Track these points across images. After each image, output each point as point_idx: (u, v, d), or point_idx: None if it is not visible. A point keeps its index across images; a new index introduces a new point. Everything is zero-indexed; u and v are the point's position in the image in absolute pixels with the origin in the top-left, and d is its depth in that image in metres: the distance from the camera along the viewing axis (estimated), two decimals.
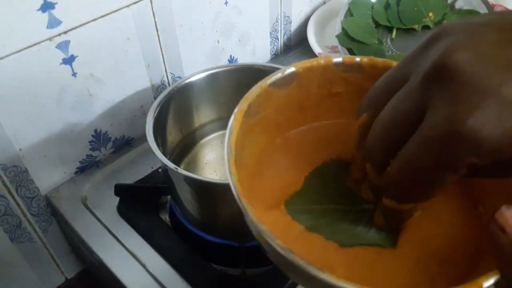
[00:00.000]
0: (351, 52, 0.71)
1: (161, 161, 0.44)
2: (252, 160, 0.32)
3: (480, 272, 0.23)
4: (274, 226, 0.27)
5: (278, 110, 0.34)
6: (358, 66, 0.33)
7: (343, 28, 0.74)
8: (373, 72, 0.33)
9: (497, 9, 0.74)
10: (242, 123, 0.30)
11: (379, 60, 0.33)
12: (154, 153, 0.44)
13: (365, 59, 0.33)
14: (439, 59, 0.21)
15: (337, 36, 0.73)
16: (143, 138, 0.46)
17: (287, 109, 0.34)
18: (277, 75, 0.32)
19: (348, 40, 0.72)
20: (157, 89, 0.63)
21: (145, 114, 0.49)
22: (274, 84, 0.32)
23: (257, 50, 0.77)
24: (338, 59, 0.33)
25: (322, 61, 0.33)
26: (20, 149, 0.52)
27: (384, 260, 0.28)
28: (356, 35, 0.72)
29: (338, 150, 0.33)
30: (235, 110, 0.31)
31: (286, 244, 0.23)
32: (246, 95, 0.31)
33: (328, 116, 0.35)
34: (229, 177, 0.27)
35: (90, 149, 0.60)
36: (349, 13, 0.76)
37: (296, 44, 0.84)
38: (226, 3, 0.66)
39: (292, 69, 0.33)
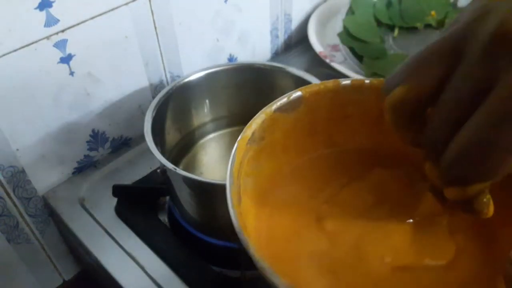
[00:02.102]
0: (352, 50, 0.70)
1: (159, 161, 0.43)
2: (258, 187, 0.31)
3: None
4: (278, 259, 0.26)
5: (286, 135, 0.32)
6: (369, 88, 0.32)
7: (344, 27, 0.73)
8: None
9: None
10: (246, 150, 0.29)
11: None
12: (152, 153, 0.44)
13: (375, 81, 0.32)
14: (499, 27, 0.19)
15: (338, 35, 0.73)
16: (141, 138, 0.46)
17: (295, 134, 0.33)
18: (283, 100, 0.31)
19: (350, 39, 0.71)
20: (155, 88, 0.63)
21: (143, 114, 0.48)
22: (280, 109, 0.31)
23: (257, 49, 0.77)
24: (347, 82, 0.32)
25: (330, 84, 0.32)
26: (17, 149, 0.52)
27: None
28: (357, 34, 0.71)
29: (348, 177, 0.32)
30: (239, 138, 0.30)
31: (292, 281, 0.22)
32: (250, 122, 0.30)
33: (340, 139, 0.34)
34: (230, 209, 0.26)
35: (88, 149, 0.59)
36: (351, 11, 0.76)
37: (297, 42, 0.84)
38: (225, 0, 0.65)
39: (298, 93, 0.32)
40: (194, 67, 0.64)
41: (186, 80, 0.53)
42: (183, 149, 0.57)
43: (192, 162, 0.56)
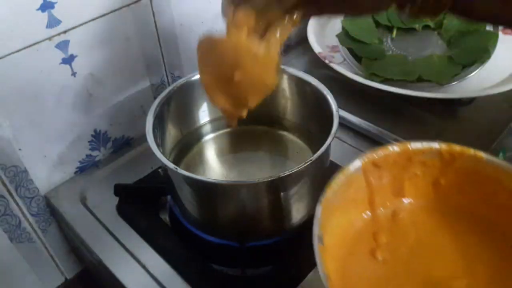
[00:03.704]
0: (351, 51, 0.71)
1: (161, 161, 0.44)
2: (333, 242, 0.35)
3: None
4: None
5: (358, 192, 0.38)
6: (438, 152, 0.37)
7: (343, 28, 0.74)
8: (451, 159, 0.38)
9: None
10: (326, 208, 0.34)
11: (457, 147, 0.37)
12: (154, 153, 0.44)
13: (444, 146, 0.37)
14: None
15: (337, 36, 0.73)
16: (143, 138, 0.46)
17: (364, 192, 0.38)
18: (356, 163, 0.37)
19: (349, 40, 0.72)
20: (156, 89, 0.63)
21: (145, 114, 0.49)
22: (354, 170, 0.37)
23: None
24: (417, 145, 0.38)
25: (397, 148, 0.38)
26: (20, 149, 0.52)
27: None
28: (356, 35, 0.72)
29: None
30: (321, 199, 0.35)
31: None
32: (330, 183, 0.36)
33: (402, 195, 0.40)
34: (320, 273, 0.30)
35: (90, 149, 0.60)
36: None
37: (296, 43, 0.84)
38: None
39: (372, 155, 0.38)
40: (195, 67, 0.64)
41: (187, 80, 0.54)
42: (184, 148, 0.57)
43: (193, 162, 0.56)
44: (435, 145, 0.38)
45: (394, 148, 0.38)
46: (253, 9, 0.33)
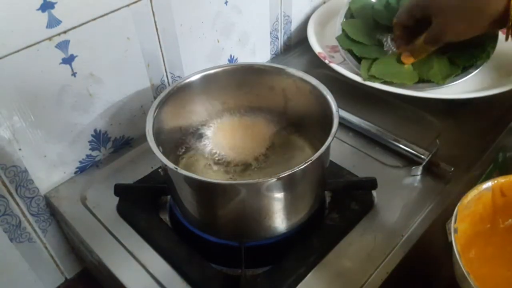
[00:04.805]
0: (351, 53, 0.71)
1: (161, 161, 0.44)
2: (461, 234, 0.44)
3: None
4: None
5: (485, 209, 0.47)
6: None
7: (343, 30, 0.74)
8: None
9: None
10: (460, 211, 0.43)
11: None
12: (153, 153, 0.44)
13: None
14: None
15: (337, 38, 0.73)
16: (143, 138, 0.46)
17: (490, 210, 0.47)
18: (488, 183, 0.46)
19: (348, 41, 0.72)
20: (157, 89, 0.63)
21: (145, 114, 0.49)
22: (485, 188, 0.46)
23: (257, 50, 0.77)
24: None
25: None
26: (20, 149, 0.52)
27: None
28: (356, 37, 0.72)
29: None
30: (459, 204, 0.44)
31: None
32: (467, 194, 0.45)
33: None
34: (455, 253, 0.40)
35: (90, 149, 0.60)
36: (349, 13, 0.76)
37: (296, 43, 0.85)
38: (226, 2, 0.66)
39: (501, 179, 0.46)
40: (194, 67, 0.65)
41: (187, 80, 0.54)
42: (184, 148, 0.57)
43: (193, 162, 0.56)
44: None
45: None
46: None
